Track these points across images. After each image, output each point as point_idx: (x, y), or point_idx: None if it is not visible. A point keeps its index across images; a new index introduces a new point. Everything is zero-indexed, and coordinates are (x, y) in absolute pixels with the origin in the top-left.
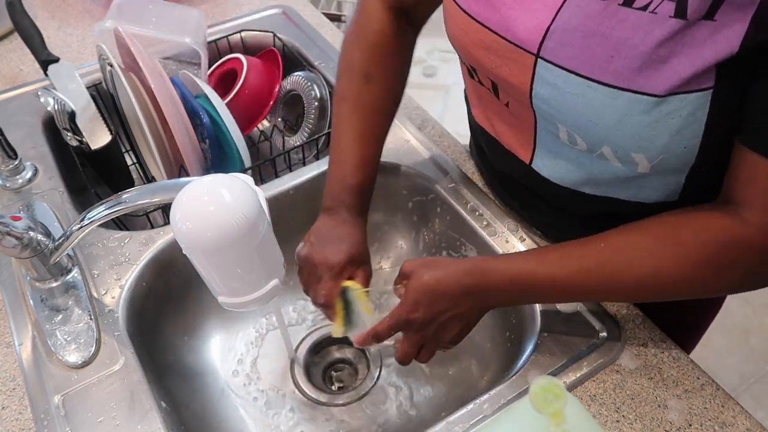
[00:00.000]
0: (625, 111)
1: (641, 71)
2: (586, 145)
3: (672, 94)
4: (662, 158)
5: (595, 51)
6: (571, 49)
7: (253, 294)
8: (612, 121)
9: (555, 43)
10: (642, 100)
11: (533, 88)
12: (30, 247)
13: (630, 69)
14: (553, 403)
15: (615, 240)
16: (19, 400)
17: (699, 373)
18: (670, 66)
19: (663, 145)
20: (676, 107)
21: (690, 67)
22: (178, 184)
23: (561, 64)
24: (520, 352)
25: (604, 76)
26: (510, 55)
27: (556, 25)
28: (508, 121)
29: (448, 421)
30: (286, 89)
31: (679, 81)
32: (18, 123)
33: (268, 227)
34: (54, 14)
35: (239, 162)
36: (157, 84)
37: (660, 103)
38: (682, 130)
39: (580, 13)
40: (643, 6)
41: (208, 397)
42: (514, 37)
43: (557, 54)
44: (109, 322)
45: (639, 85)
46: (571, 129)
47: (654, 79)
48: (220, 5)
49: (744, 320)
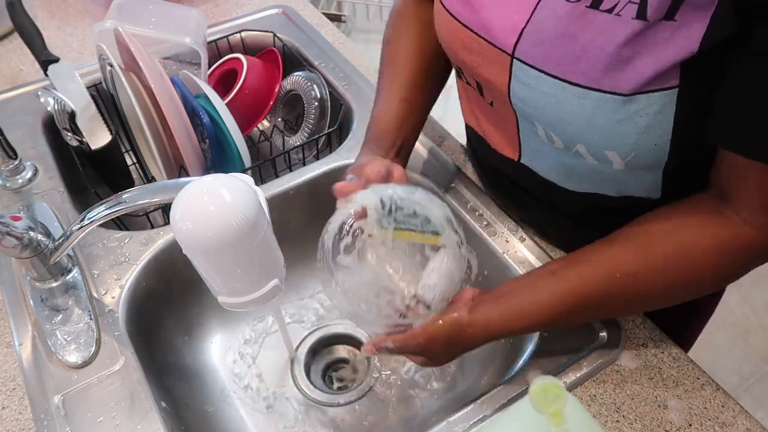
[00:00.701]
0: (594, 110)
1: (607, 71)
2: (562, 143)
3: (638, 93)
4: (634, 155)
5: (564, 52)
6: (543, 50)
7: (253, 294)
8: (582, 120)
9: (528, 44)
10: (609, 99)
11: (510, 87)
12: (30, 247)
13: (597, 69)
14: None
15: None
16: (19, 400)
17: (699, 373)
18: (634, 66)
19: (633, 143)
20: (643, 106)
21: (653, 66)
22: (178, 184)
23: (534, 64)
24: (520, 352)
25: (573, 76)
26: (489, 55)
27: (529, 26)
28: (494, 120)
29: (448, 421)
30: (286, 89)
31: (643, 80)
32: (18, 123)
33: (268, 227)
34: (54, 14)
35: (239, 162)
36: (157, 84)
37: (627, 102)
38: (650, 128)
39: (552, 15)
40: (608, 8)
41: (208, 397)
42: (491, 37)
43: (530, 54)
44: (109, 322)
45: (606, 85)
46: (547, 127)
47: (619, 79)
48: (220, 5)
49: (744, 320)
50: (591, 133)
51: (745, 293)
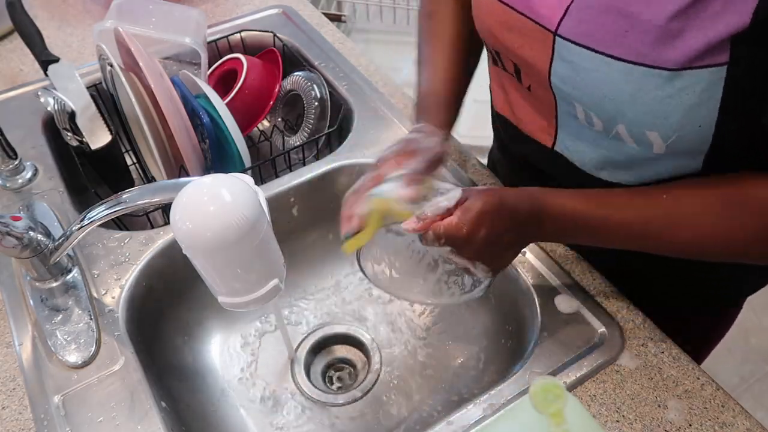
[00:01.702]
0: (639, 86)
1: (655, 45)
2: (602, 123)
3: (685, 69)
4: (677, 137)
5: (610, 26)
6: (587, 26)
7: (254, 294)
8: (626, 96)
9: (573, 20)
10: (655, 74)
11: (552, 66)
12: (30, 247)
13: (644, 43)
14: (553, 403)
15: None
16: (19, 400)
17: (699, 373)
18: (684, 39)
19: (677, 122)
20: (690, 83)
21: (703, 39)
22: (178, 184)
23: (577, 40)
24: (520, 352)
25: (618, 51)
26: (531, 34)
27: (575, 3)
28: (531, 105)
29: (448, 421)
30: (286, 89)
31: (692, 54)
32: (18, 123)
33: (268, 227)
34: (54, 14)
35: (239, 162)
36: (157, 84)
37: (673, 78)
38: (696, 107)
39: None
40: None
41: (208, 397)
42: (535, 15)
43: (575, 30)
44: (109, 322)
45: (652, 59)
46: (587, 107)
47: (668, 53)
48: (220, 5)
49: (744, 320)
50: (634, 112)
51: None
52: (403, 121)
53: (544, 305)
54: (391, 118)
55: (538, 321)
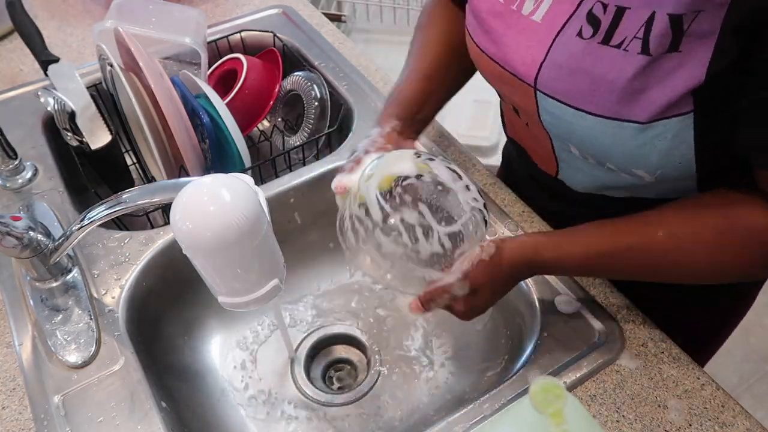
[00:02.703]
0: (615, 136)
1: (621, 103)
2: (595, 160)
3: (654, 120)
4: (661, 172)
5: (580, 86)
6: (560, 83)
7: (254, 294)
8: (605, 145)
9: (547, 77)
10: (627, 126)
11: (539, 113)
12: (30, 247)
13: (611, 101)
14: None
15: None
16: (19, 400)
17: (699, 373)
18: (647, 96)
19: (657, 163)
20: (661, 131)
21: (664, 96)
22: (178, 184)
23: (554, 95)
24: (520, 352)
25: (590, 107)
26: (515, 85)
27: (547, 61)
28: (531, 139)
29: (448, 421)
30: (286, 89)
31: (657, 109)
32: (18, 123)
33: (268, 227)
34: (54, 14)
35: (239, 162)
36: (157, 84)
37: (645, 129)
38: (671, 150)
39: (566, 51)
40: (617, 44)
41: (208, 397)
42: (514, 70)
43: (550, 87)
44: (109, 322)
45: (623, 114)
46: (578, 148)
47: (635, 109)
48: (220, 5)
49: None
50: (617, 155)
51: None
52: None
53: (544, 305)
54: None
55: (538, 321)
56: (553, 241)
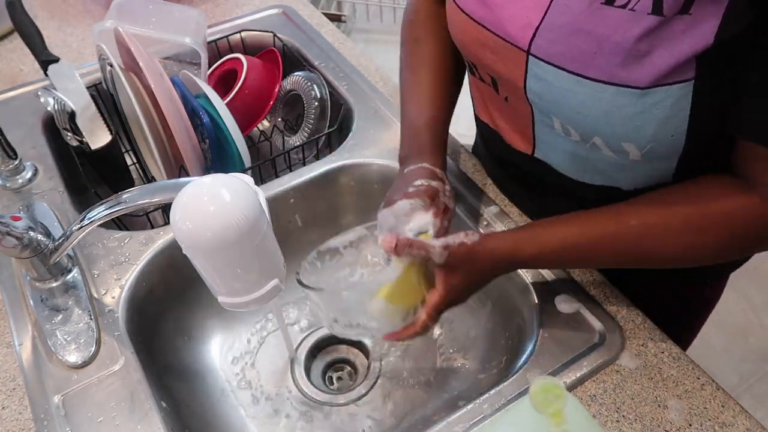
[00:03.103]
0: (612, 103)
1: (624, 66)
2: (579, 136)
3: (655, 86)
4: (651, 146)
5: (580, 48)
6: (558, 46)
7: (253, 294)
8: (600, 113)
9: (544, 40)
10: (626, 92)
11: (527, 83)
12: (30, 247)
13: (613, 64)
14: (553, 403)
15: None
16: (19, 400)
17: (699, 373)
18: (651, 60)
19: (650, 135)
20: (660, 98)
21: (670, 59)
22: (178, 184)
23: (550, 60)
24: (520, 352)
25: (589, 71)
26: (504, 52)
27: (544, 23)
28: (508, 115)
29: (448, 421)
30: (286, 89)
31: (660, 73)
32: (18, 123)
33: (268, 227)
34: (54, 14)
35: (239, 162)
36: (157, 84)
37: (644, 95)
38: (667, 120)
39: (567, 12)
40: (623, 4)
41: (208, 397)
42: (506, 34)
43: (546, 51)
44: (109, 322)
45: (623, 79)
46: (564, 121)
47: (637, 73)
48: (220, 5)
49: (743, 320)
50: (608, 126)
51: (745, 293)
52: None
53: (544, 305)
54: (391, 118)
55: (538, 321)
56: (531, 235)
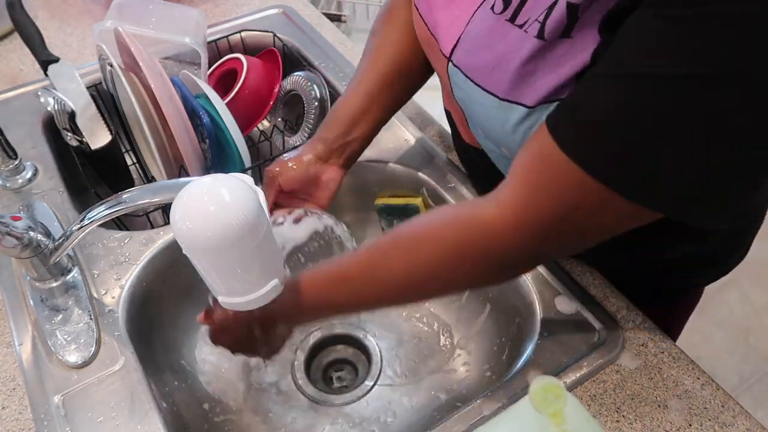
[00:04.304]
0: (506, 118)
1: (514, 84)
2: (493, 143)
3: (540, 104)
4: None
5: (485, 61)
6: (470, 58)
7: (253, 294)
8: (498, 126)
9: (462, 50)
10: (517, 109)
11: (451, 87)
12: (30, 247)
13: (506, 81)
14: (553, 403)
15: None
16: (19, 400)
17: (699, 373)
18: (536, 80)
19: None
20: (545, 115)
21: (554, 81)
22: (178, 184)
23: (464, 70)
24: (520, 352)
25: (489, 86)
26: (435, 54)
27: (465, 33)
28: (456, 111)
29: (448, 421)
30: (286, 89)
31: (545, 94)
32: (18, 123)
33: (268, 227)
34: (54, 14)
35: (239, 162)
36: (157, 84)
37: (531, 113)
38: None
39: (481, 25)
40: (521, 24)
41: (208, 397)
42: (438, 37)
43: (462, 61)
44: (109, 322)
45: (515, 96)
46: (480, 129)
47: (524, 92)
48: (220, 5)
49: (744, 320)
50: (507, 139)
51: (745, 293)
52: (403, 120)
53: (544, 305)
54: None
55: (538, 321)
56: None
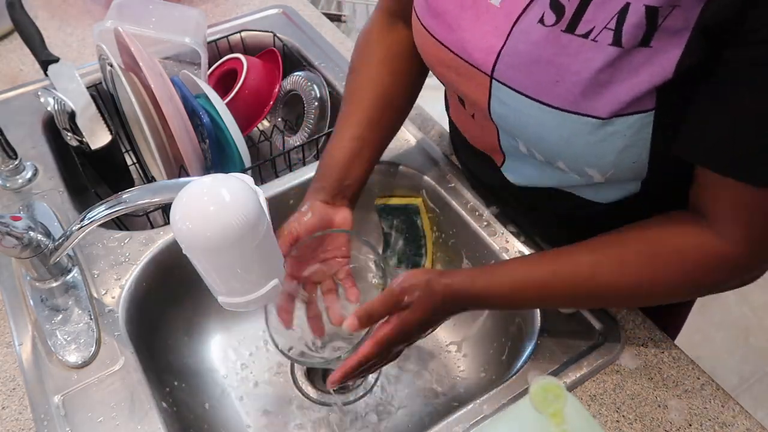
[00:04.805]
0: (572, 131)
1: (584, 95)
2: (543, 158)
3: (615, 116)
4: (613, 172)
5: (541, 76)
6: (520, 73)
7: (253, 294)
8: (561, 140)
9: (506, 65)
10: (587, 122)
11: (490, 105)
12: (30, 247)
13: (574, 93)
14: (553, 403)
15: (600, 254)
16: (19, 400)
17: (699, 373)
18: (611, 91)
19: (611, 162)
20: (620, 128)
21: (630, 91)
22: (178, 184)
23: (512, 85)
24: (520, 352)
25: (551, 99)
26: (468, 74)
27: (506, 49)
28: (477, 130)
29: (448, 421)
30: (286, 89)
31: (620, 105)
32: (18, 123)
33: (268, 227)
34: (54, 14)
35: (239, 162)
36: (157, 84)
37: (604, 125)
38: (627, 149)
39: (527, 39)
40: (584, 33)
41: (208, 397)
42: (469, 57)
43: (509, 76)
44: (109, 322)
45: (583, 108)
46: (527, 144)
47: (597, 103)
48: (220, 5)
49: (744, 320)
50: (570, 152)
51: (745, 293)
52: None
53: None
54: None
55: (538, 321)
56: (484, 270)
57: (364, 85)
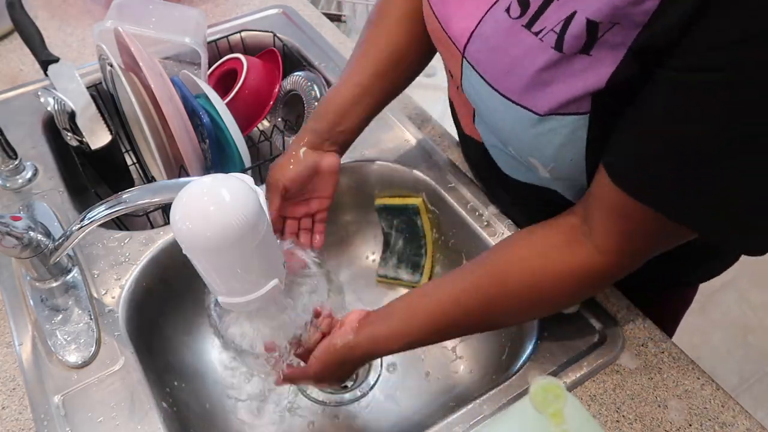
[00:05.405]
0: (516, 121)
1: (527, 90)
2: (500, 141)
3: (551, 114)
4: (553, 166)
5: (498, 63)
6: (484, 57)
7: (253, 294)
8: (508, 128)
9: (475, 48)
10: (527, 115)
11: (462, 82)
12: (30, 247)
13: (519, 86)
14: (553, 403)
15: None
16: (19, 400)
17: (699, 373)
18: (551, 90)
19: (550, 156)
20: (556, 126)
21: (566, 93)
22: (178, 184)
23: (477, 68)
24: (520, 352)
25: (503, 88)
26: (449, 48)
27: (477, 31)
28: (461, 106)
29: (448, 421)
30: (286, 89)
31: (556, 104)
32: (18, 123)
33: (268, 227)
34: (54, 14)
35: (239, 162)
36: (157, 84)
37: (542, 121)
38: (564, 146)
39: (495, 26)
40: (537, 31)
41: (208, 397)
42: (450, 31)
43: (476, 58)
44: (109, 322)
45: (525, 102)
46: (489, 128)
47: (537, 99)
48: (220, 5)
49: (743, 320)
50: (516, 141)
51: (745, 293)
52: (403, 120)
53: None
54: (391, 117)
55: (538, 321)
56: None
57: (378, 38)
